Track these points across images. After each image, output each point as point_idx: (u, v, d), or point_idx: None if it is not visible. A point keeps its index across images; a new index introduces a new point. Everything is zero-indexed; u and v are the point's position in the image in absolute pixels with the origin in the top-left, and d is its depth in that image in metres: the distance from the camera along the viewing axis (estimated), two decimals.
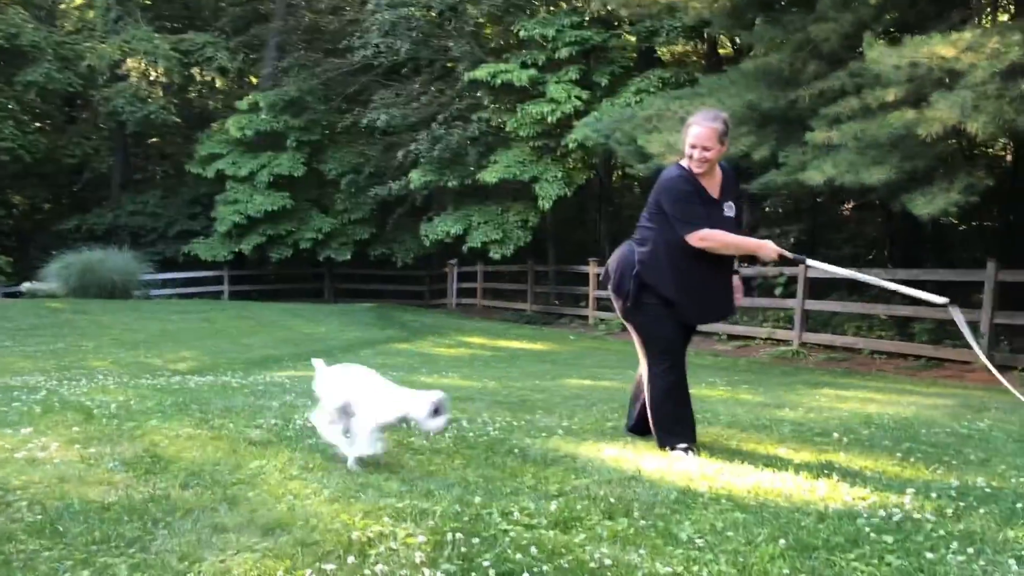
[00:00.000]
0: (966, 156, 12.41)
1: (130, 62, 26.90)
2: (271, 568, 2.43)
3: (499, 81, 18.29)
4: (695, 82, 14.84)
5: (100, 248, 22.13)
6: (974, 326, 11.04)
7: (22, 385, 6.69)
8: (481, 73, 18.57)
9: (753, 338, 14.01)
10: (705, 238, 4.20)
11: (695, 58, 22.27)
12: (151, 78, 27.61)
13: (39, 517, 2.84)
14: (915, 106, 8.86)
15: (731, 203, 4.40)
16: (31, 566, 2.41)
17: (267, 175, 24.11)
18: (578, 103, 17.67)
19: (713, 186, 4.36)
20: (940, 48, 8.34)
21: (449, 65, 22.48)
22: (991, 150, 15.71)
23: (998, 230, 15.73)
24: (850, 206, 18.39)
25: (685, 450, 4.20)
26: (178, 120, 27.89)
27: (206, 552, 2.56)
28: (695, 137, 4.23)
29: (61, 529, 2.72)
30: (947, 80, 8.66)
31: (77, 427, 4.44)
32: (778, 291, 14.01)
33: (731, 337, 14.40)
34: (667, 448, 4.27)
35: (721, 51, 19.99)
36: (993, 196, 13.37)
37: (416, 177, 20.24)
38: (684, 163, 4.35)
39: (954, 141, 10.47)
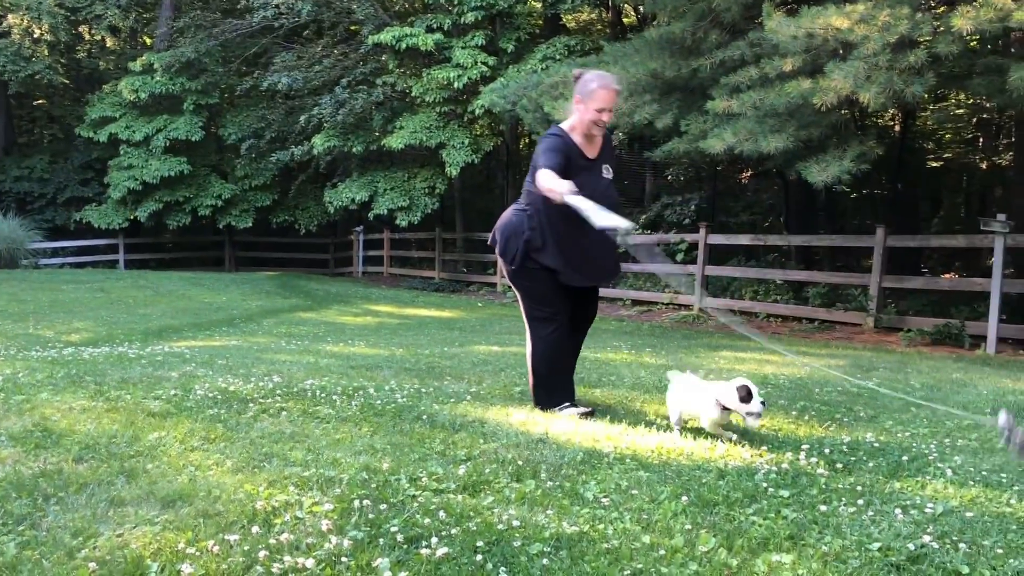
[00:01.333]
0: (858, 126, 12.87)
1: (11, 18, 25.40)
2: (172, 540, 2.36)
3: (404, 45, 18.04)
4: (600, 50, 14.93)
5: None
6: (862, 290, 11.54)
7: None
8: (386, 37, 18.26)
9: (656, 303, 14.32)
10: (540, 182, 4.12)
11: (600, 26, 22.40)
12: (35, 36, 26.14)
13: None
14: (811, 76, 9.11)
15: (608, 166, 4.46)
16: None
17: (163, 139, 23.23)
18: (484, 69, 17.57)
19: (592, 148, 4.39)
20: (835, 19, 8.57)
21: (353, 28, 22.03)
22: (881, 120, 16.34)
23: (887, 198, 16.42)
24: (748, 174, 18.89)
25: (569, 407, 4.36)
26: (66, 81, 26.58)
27: (102, 527, 2.48)
28: (605, 101, 4.22)
29: None
30: (841, 51, 8.93)
31: None
32: (679, 257, 14.33)
33: (635, 303, 14.68)
34: (547, 409, 4.39)
35: (626, 20, 20.15)
36: (883, 165, 13.95)
37: (319, 142, 19.83)
38: (564, 125, 4.38)
39: (847, 111, 10.83)
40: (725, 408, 3.77)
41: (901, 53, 8.44)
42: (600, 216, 3.86)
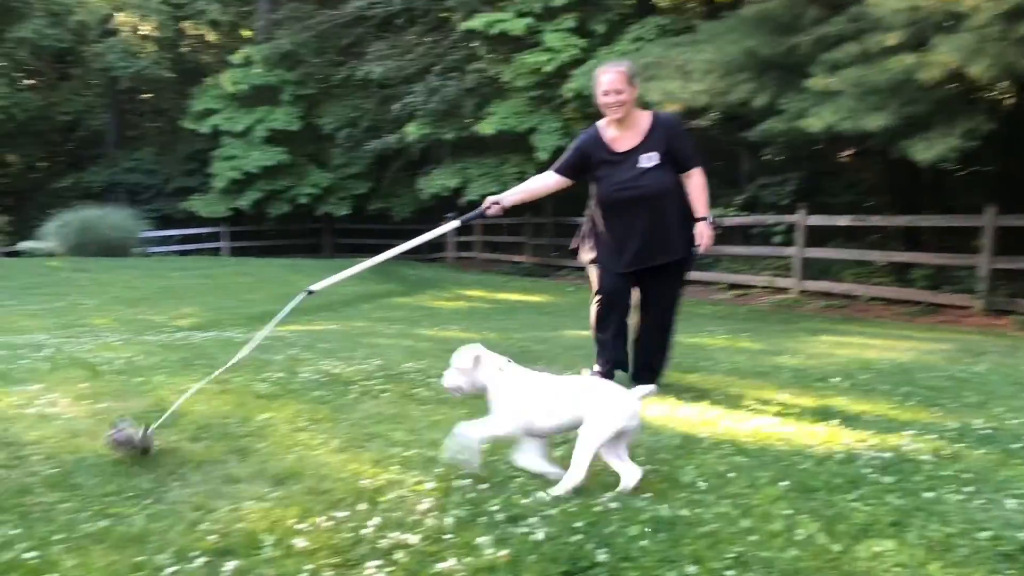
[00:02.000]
0: (966, 100, 12.31)
1: (120, 16, 26.56)
2: (283, 516, 2.48)
3: (495, 31, 18.08)
4: (693, 29, 14.68)
5: (97, 206, 22.07)
6: (970, 271, 11.07)
7: (27, 343, 6.73)
8: (476, 23, 18.34)
9: (753, 286, 14.05)
10: (536, 180, 4.92)
11: (693, 5, 21.98)
12: (142, 32, 27.24)
13: (55, 471, 2.90)
14: (916, 50, 8.78)
15: (653, 153, 4.45)
16: (49, 517, 2.46)
17: (263, 130, 23.93)
18: (575, 52, 17.48)
19: (628, 138, 4.50)
20: None
21: (444, 15, 22.18)
22: (991, 94, 15.59)
23: (997, 175, 15.67)
24: (849, 153, 18.30)
25: (600, 373, 4.61)
26: (171, 75, 27.61)
27: (219, 502, 2.61)
28: (607, 84, 4.43)
29: (77, 482, 2.78)
30: (949, 23, 8.57)
31: (85, 383, 4.48)
32: (777, 239, 14.01)
33: (731, 286, 14.45)
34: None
35: None
36: (993, 141, 13.30)
37: (413, 130, 20.10)
38: (601, 122, 4.61)
39: (955, 85, 10.38)
40: None
41: (1014, 23, 8.05)
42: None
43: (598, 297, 4.76)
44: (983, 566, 2.24)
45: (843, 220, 13.46)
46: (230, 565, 2.13)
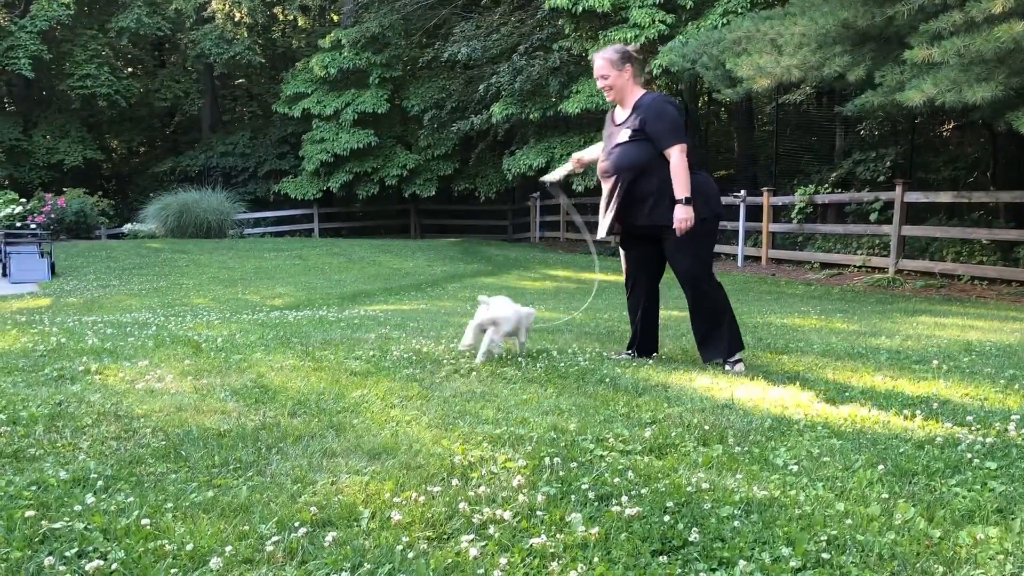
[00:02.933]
0: None
1: (215, 3, 27.31)
2: (379, 489, 2.55)
3: (580, 8, 17.92)
4: (785, 1, 14.27)
5: (194, 189, 22.84)
6: None
7: (133, 321, 7.04)
8: (562, 0, 18.23)
9: (847, 266, 13.68)
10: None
11: None
12: (235, 19, 27.96)
13: (163, 443, 3.03)
14: None
15: (627, 130, 4.72)
16: (161, 487, 2.58)
17: (351, 113, 24.33)
18: (662, 27, 17.20)
19: (621, 113, 4.86)
20: None
21: None
22: None
23: None
24: (950, 127, 17.60)
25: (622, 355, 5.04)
26: (263, 60, 28.31)
27: (318, 475, 2.70)
28: (596, 70, 4.82)
29: (184, 454, 2.90)
30: None
31: (188, 360, 4.67)
32: (873, 217, 13.59)
33: (824, 265, 14.10)
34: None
35: None
36: None
37: (498, 111, 20.14)
38: None
39: None
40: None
41: None
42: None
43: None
44: None
45: (944, 196, 12.96)
46: (330, 536, 2.20)
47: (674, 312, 8.19)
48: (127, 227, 21.85)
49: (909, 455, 2.97)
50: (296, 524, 2.28)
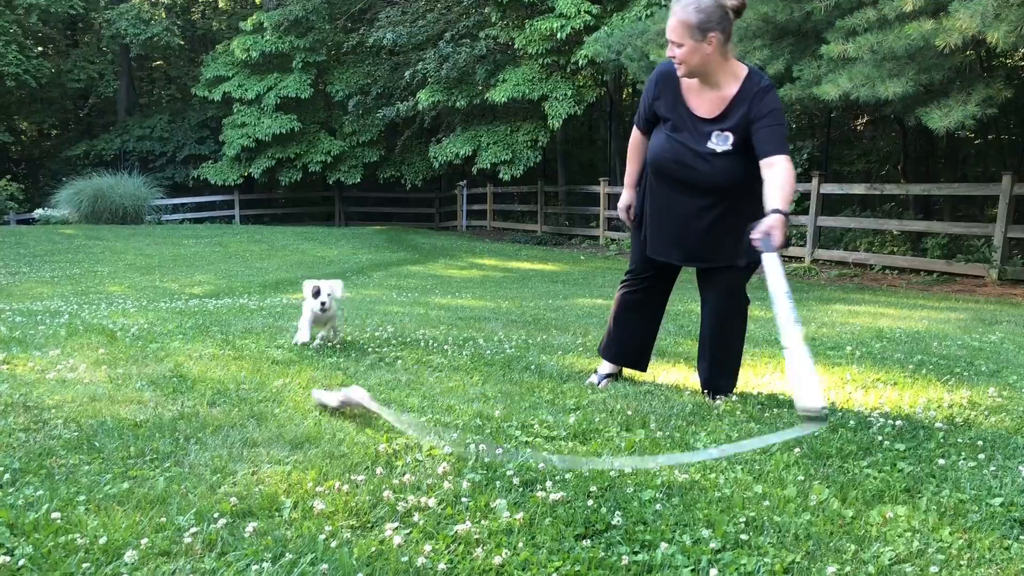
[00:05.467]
0: (984, 68, 12.18)
1: None
2: (302, 479, 2.51)
3: None
4: None
5: (110, 174, 22.14)
6: (985, 240, 11.00)
7: (44, 310, 6.79)
8: None
9: None
10: (630, 143, 3.74)
11: None
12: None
13: (75, 434, 2.93)
14: (933, 16, 8.68)
15: (726, 134, 3.35)
16: (72, 479, 2.50)
17: (274, 97, 23.89)
18: (588, 18, 17.33)
19: (706, 101, 3.40)
20: None
21: None
22: (1011, 61, 15.41)
23: (1015, 143, 15.54)
24: (864, 121, 18.15)
25: (601, 378, 3.95)
26: (182, 42, 27.53)
27: (238, 465, 2.65)
28: (667, 32, 3.32)
29: (97, 445, 2.81)
30: None
31: (103, 349, 4.53)
32: (790, 208, 13.95)
33: None
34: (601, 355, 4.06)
35: None
36: (1011, 109, 13.18)
37: (424, 97, 20.02)
38: None
39: (972, 52, 10.27)
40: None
41: None
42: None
43: (628, 280, 3.91)
44: (995, 531, 2.25)
45: (858, 188, 13.40)
46: (250, 526, 2.16)
47: (598, 301, 8.28)
48: (38, 212, 21.08)
49: (824, 438, 3.06)
50: (215, 515, 2.23)
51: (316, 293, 4.59)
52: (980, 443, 3.04)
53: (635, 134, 3.72)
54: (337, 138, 25.08)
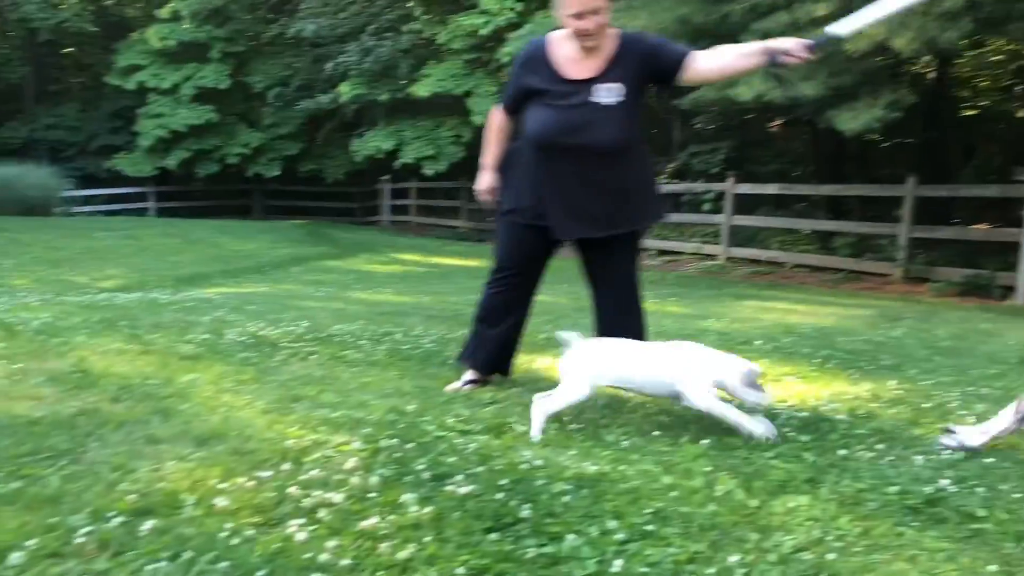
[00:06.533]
0: (891, 73, 12.61)
1: None
2: (206, 476, 2.45)
3: None
4: None
5: (16, 164, 21.24)
6: (891, 240, 11.40)
7: None
8: None
9: (682, 253, 14.27)
10: (488, 122, 3.72)
11: None
12: None
13: None
14: None
15: (616, 85, 3.32)
16: None
17: (191, 88, 23.30)
18: (512, 15, 17.35)
19: (590, 63, 3.35)
20: None
21: None
22: (916, 67, 15.98)
23: (919, 147, 16.12)
24: (778, 123, 18.60)
25: (467, 383, 3.73)
26: (95, 29, 26.60)
27: (140, 462, 2.57)
28: (579, 2, 3.21)
29: None
30: None
31: (1, 344, 4.34)
32: (706, 207, 14.22)
33: (661, 252, 14.64)
34: (459, 363, 3.89)
35: None
36: (916, 113, 13.67)
37: (346, 90, 19.78)
38: (556, 35, 3.46)
39: (880, 58, 10.61)
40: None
41: None
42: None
43: (498, 277, 3.74)
44: (890, 519, 2.33)
45: (771, 189, 13.73)
46: (148, 524, 2.09)
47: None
48: None
49: (731, 430, 3.12)
50: (112, 514, 2.16)
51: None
52: (880, 434, 3.14)
53: (499, 116, 3.66)
54: (256, 130, 24.58)
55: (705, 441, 2.94)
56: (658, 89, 3.52)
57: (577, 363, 3.14)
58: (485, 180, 3.72)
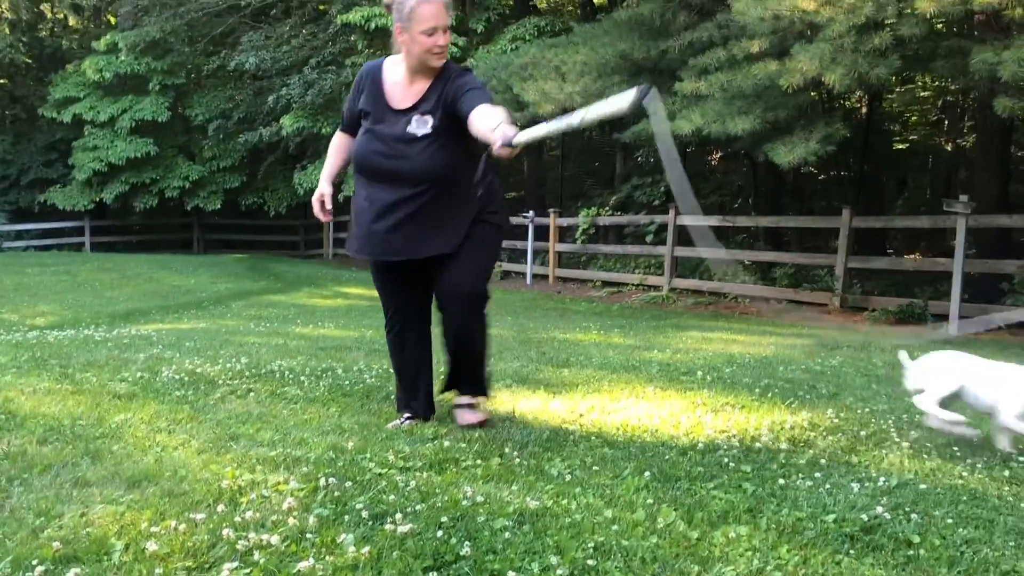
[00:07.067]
0: (825, 108, 12.98)
1: None
2: (136, 519, 2.37)
3: (373, 25, 17.89)
4: (570, 31, 14.92)
5: None
6: (828, 270, 11.65)
7: None
8: (355, 16, 18.10)
9: (626, 284, 14.40)
10: (331, 145, 3.77)
11: (571, 7, 22.34)
12: None
13: None
14: (778, 58, 9.19)
15: (427, 117, 3.35)
16: None
17: (129, 120, 22.94)
18: (454, 49, 17.47)
19: (411, 91, 3.41)
20: (801, 1, 8.64)
21: (321, 8, 21.81)
22: (848, 102, 16.48)
23: (853, 179, 16.59)
24: (717, 156, 18.99)
25: (407, 418, 3.68)
26: (28, 60, 26.11)
27: (66, 507, 2.48)
28: (433, 17, 3.26)
29: None
30: (808, 33, 9.01)
31: None
32: (649, 238, 14.40)
33: (605, 284, 14.76)
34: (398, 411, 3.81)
35: (596, 0, 20.12)
36: (849, 147, 14.08)
37: (288, 123, 19.67)
38: (394, 57, 3.51)
39: (814, 93, 10.93)
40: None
41: (866, 35, 8.53)
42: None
43: (386, 317, 3.74)
44: (828, 547, 2.35)
45: (712, 220, 13.95)
46: (72, 573, 2.01)
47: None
48: None
49: (674, 461, 3.13)
50: (34, 562, 2.07)
51: None
52: (818, 462, 3.18)
53: (339, 138, 3.72)
54: (196, 163, 24.27)
55: (647, 473, 2.94)
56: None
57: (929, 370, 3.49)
58: (319, 189, 3.64)
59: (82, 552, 2.16)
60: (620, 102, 2.59)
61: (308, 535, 2.30)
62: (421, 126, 3.34)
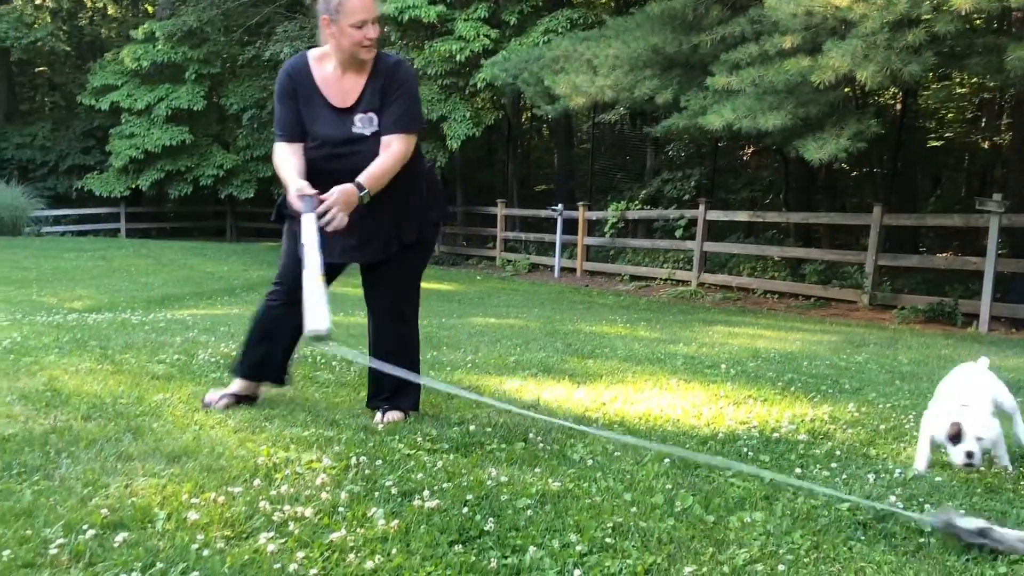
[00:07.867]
0: (858, 104, 12.91)
1: None
2: (177, 491, 2.49)
3: (407, 17, 18.00)
4: (602, 24, 14.93)
5: None
6: (858, 267, 11.61)
7: None
8: (388, 8, 18.21)
9: (654, 278, 14.43)
10: (274, 157, 3.46)
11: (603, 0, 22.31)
12: (37, 2, 26.08)
13: None
14: (810, 54, 9.17)
15: (370, 114, 3.28)
16: None
17: (165, 108, 23.27)
18: (487, 42, 17.55)
19: (349, 87, 3.31)
20: None
21: None
22: (882, 99, 16.35)
23: (886, 176, 16.47)
24: (749, 151, 18.92)
25: (224, 397, 3.63)
26: (68, 49, 26.56)
27: (111, 478, 2.60)
28: (363, 9, 3.15)
29: None
30: (840, 29, 8.98)
31: None
32: (678, 233, 14.41)
33: (633, 278, 14.79)
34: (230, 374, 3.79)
35: None
36: (882, 143, 14.00)
37: None
38: (312, 54, 3.39)
39: (846, 89, 10.88)
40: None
41: (900, 32, 8.50)
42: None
43: (274, 287, 3.73)
44: (841, 533, 2.42)
45: (742, 216, 13.96)
46: (120, 537, 2.14)
47: (491, 320, 8.37)
48: None
49: (694, 450, 3.21)
50: (85, 527, 2.20)
51: (956, 438, 2.94)
52: (836, 453, 3.24)
53: (280, 147, 3.44)
54: (230, 152, 24.57)
55: (667, 461, 3.02)
56: None
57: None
58: (293, 188, 3.24)
59: (128, 519, 2.28)
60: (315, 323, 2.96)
61: (340, 509, 2.41)
62: (367, 125, 3.28)
